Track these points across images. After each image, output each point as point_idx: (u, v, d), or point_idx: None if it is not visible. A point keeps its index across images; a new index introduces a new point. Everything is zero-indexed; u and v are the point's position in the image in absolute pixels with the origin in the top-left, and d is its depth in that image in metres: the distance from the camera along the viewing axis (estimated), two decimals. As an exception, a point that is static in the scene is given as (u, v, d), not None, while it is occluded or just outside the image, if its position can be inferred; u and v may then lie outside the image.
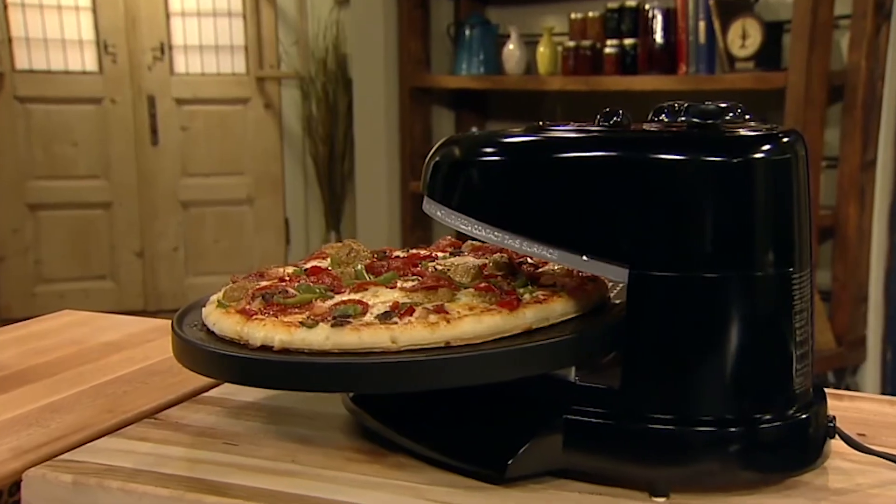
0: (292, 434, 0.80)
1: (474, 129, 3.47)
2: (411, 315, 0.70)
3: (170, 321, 0.79)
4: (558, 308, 0.74)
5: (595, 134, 0.72)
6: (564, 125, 0.76)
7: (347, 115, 4.04)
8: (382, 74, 3.46)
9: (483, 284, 0.77)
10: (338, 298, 0.74)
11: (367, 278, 0.79)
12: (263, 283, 0.79)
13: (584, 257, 0.69)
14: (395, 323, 0.69)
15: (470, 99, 3.56)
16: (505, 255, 0.86)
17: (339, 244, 0.88)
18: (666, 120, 0.73)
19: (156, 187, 4.23)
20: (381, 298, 0.74)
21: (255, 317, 0.71)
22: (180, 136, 4.23)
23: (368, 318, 0.70)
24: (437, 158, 0.77)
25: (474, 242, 0.93)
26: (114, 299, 4.20)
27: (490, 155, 0.74)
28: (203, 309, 0.79)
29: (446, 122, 3.59)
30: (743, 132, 0.68)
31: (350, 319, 0.70)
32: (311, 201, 4.36)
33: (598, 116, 0.74)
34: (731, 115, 0.71)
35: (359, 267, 0.81)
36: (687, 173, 0.66)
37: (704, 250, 0.66)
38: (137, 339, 1.11)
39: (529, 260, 0.85)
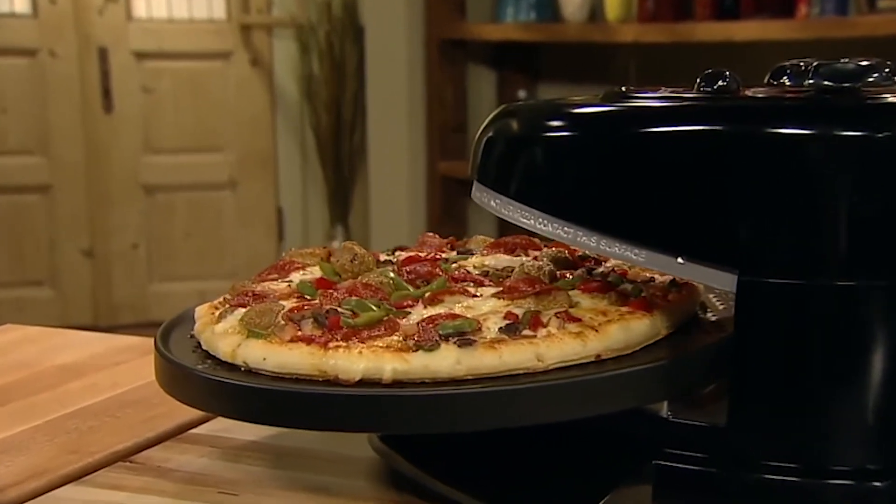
0: (305, 481, 0.82)
1: (522, 94, 3.49)
2: (541, 326, 0.73)
3: (143, 338, 0.81)
4: (659, 322, 0.76)
5: (696, 103, 0.73)
6: (654, 91, 0.77)
7: (358, 75, 4.07)
8: (403, 22, 3.48)
9: (595, 284, 0.80)
10: (418, 314, 0.76)
11: (409, 289, 0.81)
12: (290, 304, 0.80)
13: (680, 259, 0.71)
14: (532, 337, 0.72)
15: (517, 54, 3.57)
16: (563, 249, 0.89)
17: (310, 250, 0.91)
18: (788, 84, 0.74)
19: (109, 167, 4.28)
20: (478, 311, 0.76)
21: (331, 345, 0.72)
22: (141, 100, 4.28)
23: (487, 334, 0.73)
24: (492, 134, 0.79)
25: (487, 239, 0.96)
26: (54, 312, 4.24)
27: (560, 130, 0.76)
28: (201, 333, 0.80)
29: (486, 85, 3.61)
30: (891, 99, 0.69)
31: (473, 338, 0.72)
32: (311, 186, 4.39)
33: (699, 80, 0.75)
34: (875, 75, 0.72)
35: (391, 275, 0.83)
36: (816, 153, 0.67)
37: (838, 252, 0.67)
38: (103, 360, 1.13)
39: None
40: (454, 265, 0.88)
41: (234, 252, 4.38)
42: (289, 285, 0.85)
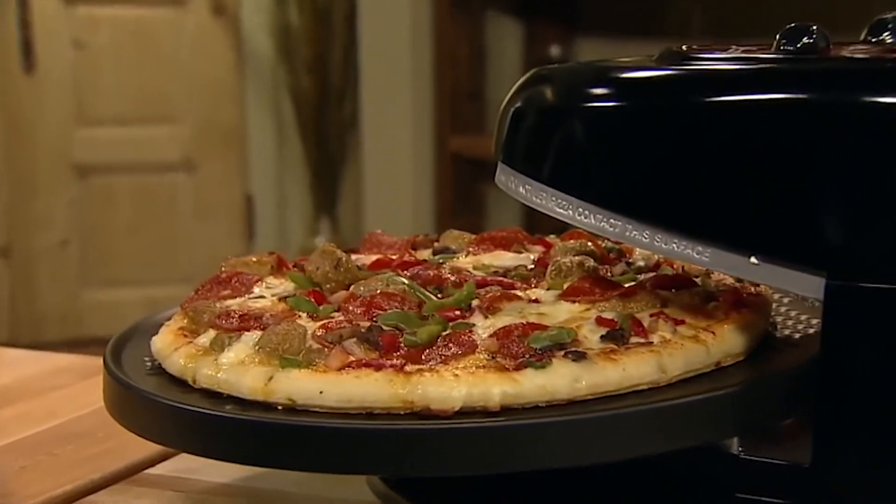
0: (289, 534, 0.84)
1: (556, 52, 3.49)
2: (645, 332, 0.77)
3: (84, 357, 0.82)
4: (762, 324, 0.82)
5: (774, 66, 0.75)
6: (723, 51, 0.79)
7: (348, 28, 4.07)
8: (405, -41, 3.49)
9: (669, 279, 0.86)
10: (484, 326, 0.79)
11: (432, 297, 0.84)
12: (314, 325, 0.82)
13: (753, 259, 0.73)
14: (647, 344, 0.76)
15: (547, 1, 3.58)
16: (586, 240, 0.93)
17: (254, 257, 0.93)
18: (890, 41, 0.76)
19: (31, 142, 4.27)
20: (555, 318, 0.80)
21: (408, 369, 0.74)
22: (72, 57, 4.28)
23: (587, 344, 0.76)
24: (521, 104, 0.81)
25: (464, 234, 0.99)
26: (-39, 324, 4.25)
27: (606, 99, 0.78)
28: (188, 365, 0.81)
29: (510, 40, 3.61)
30: None
31: (582, 350, 0.75)
32: (289, 168, 4.39)
33: (779, 36, 0.77)
34: None
35: (403, 280, 0.85)
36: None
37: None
38: (35, 384, 1.15)
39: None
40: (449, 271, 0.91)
41: (191, 251, 4.34)
42: (275, 301, 0.87)
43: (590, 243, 0.93)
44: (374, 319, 0.79)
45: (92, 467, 0.95)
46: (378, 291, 0.83)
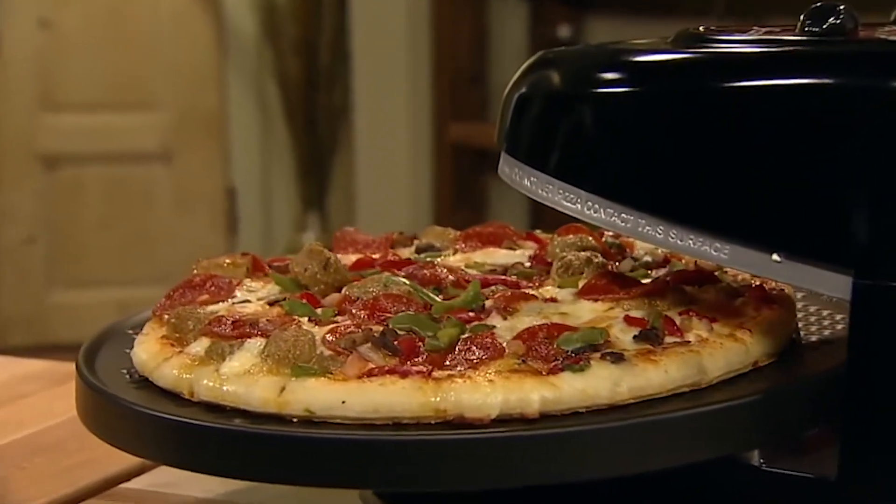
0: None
1: (565, 33, 3.49)
2: (677, 333, 0.78)
3: (55, 363, 0.83)
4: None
5: (799, 48, 0.75)
6: (744, 32, 0.79)
7: (339, 6, 4.06)
8: (401, -69, 3.49)
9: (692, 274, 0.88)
10: (505, 328, 0.80)
11: (436, 299, 0.85)
12: (321, 330, 0.83)
13: (776, 257, 0.73)
14: (684, 344, 0.77)
15: (556, -23, 3.58)
16: (585, 235, 0.94)
17: (228, 259, 0.94)
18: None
19: (-6, 130, 4.29)
20: (578, 318, 0.82)
21: (436, 375, 0.75)
22: (38, 37, 4.28)
23: (620, 345, 0.78)
24: (526, 90, 0.81)
25: (449, 231, 1.00)
26: (-83, 328, 4.25)
27: (618, 85, 0.78)
28: (182, 377, 0.81)
29: (514, 19, 3.61)
30: None
31: (618, 351, 0.76)
32: (275, 158, 4.39)
33: (803, 17, 0.77)
34: None
35: (403, 281, 0.86)
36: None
37: None
38: (1, 392, 1.15)
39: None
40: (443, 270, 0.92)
41: (168, 249, 4.32)
42: (264, 306, 0.88)
43: (590, 238, 0.94)
44: (385, 323, 0.80)
45: (64, 481, 0.96)
46: (379, 293, 0.84)
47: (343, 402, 0.74)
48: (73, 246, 4.37)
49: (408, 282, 0.87)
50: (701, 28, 0.81)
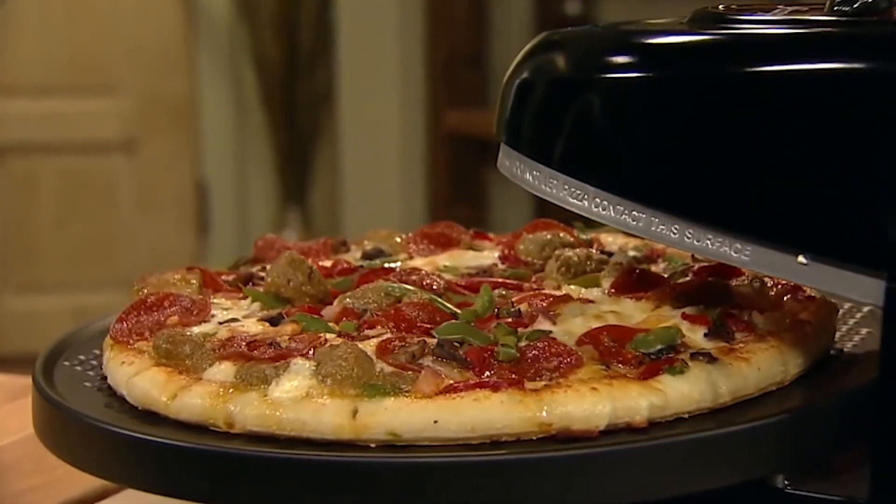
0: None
1: (572, 12, 3.49)
2: (745, 329, 0.82)
3: (5, 376, 0.83)
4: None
5: (827, 30, 0.75)
6: (767, 12, 0.79)
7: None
8: None
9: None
10: (560, 332, 0.83)
11: (452, 307, 0.87)
12: (376, 343, 0.83)
13: (802, 259, 0.74)
14: (762, 338, 0.81)
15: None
16: (561, 232, 0.99)
17: (176, 275, 0.95)
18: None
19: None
20: (631, 318, 0.84)
21: (530, 387, 0.76)
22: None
23: (693, 345, 0.80)
24: (528, 75, 0.82)
25: (394, 234, 1.03)
26: None
27: (629, 69, 0.78)
28: (213, 411, 0.80)
29: (515, -2, 3.62)
30: None
31: (707, 351, 0.79)
32: (251, 149, 4.41)
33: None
34: None
35: (408, 287, 0.88)
36: None
37: None
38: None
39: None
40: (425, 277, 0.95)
41: (132, 249, 4.33)
42: (263, 324, 0.88)
43: (563, 234, 0.98)
44: (427, 334, 0.81)
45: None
46: (393, 303, 0.85)
47: (435, 422, 0.74)
48: (25, 247, 4.36)
49: (413, 289, 0.87)
50: (720, 7, 0.80)
